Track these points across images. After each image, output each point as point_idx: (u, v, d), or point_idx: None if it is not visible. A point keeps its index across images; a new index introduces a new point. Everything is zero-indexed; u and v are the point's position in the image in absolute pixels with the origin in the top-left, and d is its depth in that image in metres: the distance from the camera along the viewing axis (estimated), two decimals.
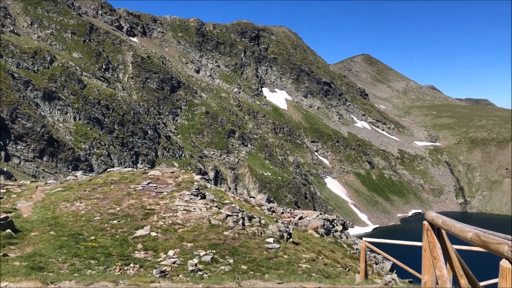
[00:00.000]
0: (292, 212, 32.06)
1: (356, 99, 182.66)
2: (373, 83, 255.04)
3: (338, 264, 19.43)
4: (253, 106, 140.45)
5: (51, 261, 12.50)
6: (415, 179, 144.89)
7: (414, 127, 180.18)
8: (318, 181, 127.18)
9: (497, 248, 2.87)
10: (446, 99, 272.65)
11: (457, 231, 3.71)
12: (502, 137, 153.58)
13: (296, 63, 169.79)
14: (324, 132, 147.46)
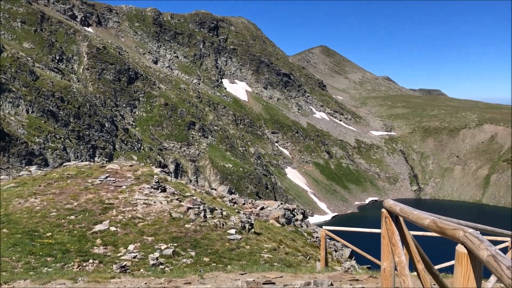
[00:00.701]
0: (253, 203, 32.25)
1: (315, 91, 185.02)
2: (331, 74, 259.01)
3: (299, 253, 19.73)
4: (213, 97, 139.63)
5: (4, 260, 12.01)
6: (372, 167, 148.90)
7: (370, 117, 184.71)
8: (279, 172, 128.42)
9: (453, 233, 2.99)
10: (401, 90, 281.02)
11: (414, 218, 3.83)
12: (453, 126, 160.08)
13: (256, 54, 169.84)
14: (284, 123, 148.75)
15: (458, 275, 2.75)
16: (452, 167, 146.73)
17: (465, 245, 2.75)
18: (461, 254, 2.74)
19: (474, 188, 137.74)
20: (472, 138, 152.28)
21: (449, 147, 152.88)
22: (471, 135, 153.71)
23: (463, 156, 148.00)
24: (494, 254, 2.33)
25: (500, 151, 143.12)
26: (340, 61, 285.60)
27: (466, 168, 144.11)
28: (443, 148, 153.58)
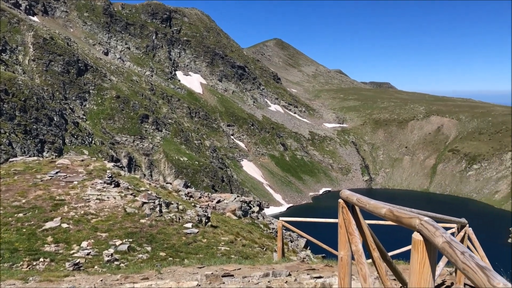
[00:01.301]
0: (209, 196, 32.21)
1: (270, 83, 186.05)
2: (285, 67, 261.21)
3: (256, 244, 19.91)
4: (167, 90, 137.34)
5: None
6: (325, 159, 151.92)
7: (323, 110, 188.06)
8: (235, 164, 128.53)
9: (409, 222, 3.09)
10: (352, 83, 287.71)
11: (371, 208, 3.94)
12: (402, 118, 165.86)
13: (210, 46, 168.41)
14: (239, 116, 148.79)
15: (414, 262, 2.85)
16: (401, 157, 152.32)
17: (421, 233, 2.85)
18: (417, 242, 2.84)
19: (422, 177, 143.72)
20: (420, 129, 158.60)
21: (399, 138, 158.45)
22: (419, 126, 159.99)
23: (411, 146, 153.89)
24: (449, 240, 2.44)
25: (446, 142, 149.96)
26: (294, 54, 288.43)
27: (414, 158, 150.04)
28: (393, 139, 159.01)
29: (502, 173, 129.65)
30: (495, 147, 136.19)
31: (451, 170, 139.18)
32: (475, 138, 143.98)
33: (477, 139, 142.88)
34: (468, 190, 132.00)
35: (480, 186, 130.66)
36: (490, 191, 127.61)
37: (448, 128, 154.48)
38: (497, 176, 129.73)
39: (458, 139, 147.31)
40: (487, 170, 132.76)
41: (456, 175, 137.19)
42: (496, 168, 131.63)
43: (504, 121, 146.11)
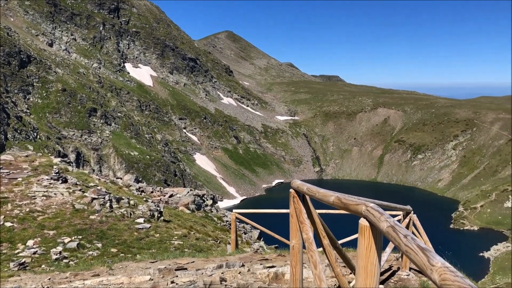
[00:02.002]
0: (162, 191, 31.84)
1: (222, 76, 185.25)
2: (237, 60, 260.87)
3: (210, 237, 19.95)
4: (115, 82, 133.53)
5: None
6: (278, 151, 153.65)
7: (275, 103, 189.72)
8: (187, 158, 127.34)
9: (356, 208, 3.21)
10: (303, 76, 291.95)
11: (320, 196, 4.05)
12: (350, 110, 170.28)
13: (160, 38, 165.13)
14: (191, 109, 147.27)
15: (361, 247, 2.97)
16: (350, 148, 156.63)
17: (367, 219, 2.97)
18: (364, 227, 2.96)
19: (370, 167, 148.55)
20: (368, 121, 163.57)
21: (348, 130, 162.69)
22: (367, 118, 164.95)
23: (360, 138, 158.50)
24: (393, 225, 2.56)
25: (392, 133, 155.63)
26: (245, 47, 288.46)
27: (363, 149, 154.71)
28: (342, 131, 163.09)
29: (444, 162, 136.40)
30: (438, 137, 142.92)
31: (397, 160, 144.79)
32: (419, 129, 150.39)
33: (421, 130, 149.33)
34: (413, 179, 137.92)
35: (424, 175, 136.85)
36: (433, 179, 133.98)
37: (394, 119, 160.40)
38: (440, 165, 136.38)
39: (403, 130, 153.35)
40: (430, 159, 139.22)
41: (402, 164, 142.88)
42: (439, 158, 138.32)
43: (446, 112, 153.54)
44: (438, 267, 1.96)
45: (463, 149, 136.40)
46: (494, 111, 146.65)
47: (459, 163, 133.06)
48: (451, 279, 1.82)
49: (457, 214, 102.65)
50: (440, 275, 1.90)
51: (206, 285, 5.70)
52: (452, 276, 1.84)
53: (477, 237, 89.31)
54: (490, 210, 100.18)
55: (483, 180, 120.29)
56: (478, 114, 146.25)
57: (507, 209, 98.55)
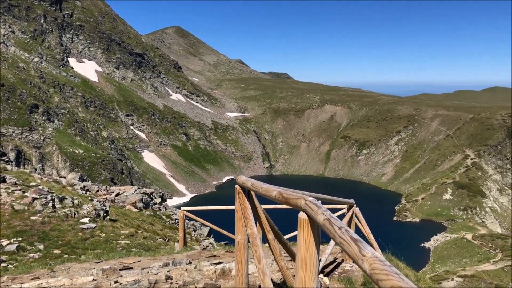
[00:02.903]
0: (108, 189, 31.05)
1: (170, 72, 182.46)
2: (186, 55, 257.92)
3: (158, 236, 19.72)
4: (58, 77, 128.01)
5: None
6: (228, 147, 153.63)
7: (225, 99, 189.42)
8: (135, 156, 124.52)
9: (296, 202, 3.30)
10: (253, 73, 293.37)
11: (263, 191, 4.12)
12: (299, 107, 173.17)
13: (106, 32, 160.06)
14: (139, 105, 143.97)
15: (300, 240, 3.06)
16: (299, 144, 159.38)
17: (306, 212, 3.06)
18: (303, 220, 3.05)
19: (318, 163, 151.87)
20: (315, 117, 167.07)
21: (296, 126, 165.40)
22: (314, 115, 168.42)
23: (308, 134, 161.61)
24: (328, 217, 2.66)
25: (339, 129, 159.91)
26: (194, 42, 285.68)
27: (311, 145, 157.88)
28: (291, 127, 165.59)
29: (388, 157, 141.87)
30: (382, 133, 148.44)
31: (343, 155, 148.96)
32: (364, 125, 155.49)
33: (366, 126, 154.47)
34: (358, 173, 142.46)
35: (369, 170, 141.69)
36: (377, 174, 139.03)
37: (340, 116, 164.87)
38: (383, 160, 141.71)
39: (349, 127, 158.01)
40: (375, 154, 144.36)
41: (348, 160, 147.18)
42: (383, 153, 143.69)
43: (389, 109, 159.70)
44: (369, 257, 2.09)
45: (405, 144, 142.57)
46: (434, 108, 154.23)
47: (401, 158, 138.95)
48: (380, 268, 1.95)
49: (400, 207, 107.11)
50: (370, 265, 2.03)
51: (151, 284, 5.63)
52: (381, 265, 1.97)
53: (419, 228, 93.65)
54: (430, 202, 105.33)
55: (423, 173, 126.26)
56: (419, 111, 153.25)
57: (446, 201, 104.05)
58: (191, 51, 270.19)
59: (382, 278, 1.89)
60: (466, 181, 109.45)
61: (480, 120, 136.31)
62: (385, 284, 1.85)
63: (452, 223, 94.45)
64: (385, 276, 1.88)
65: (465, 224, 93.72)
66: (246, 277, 5.10)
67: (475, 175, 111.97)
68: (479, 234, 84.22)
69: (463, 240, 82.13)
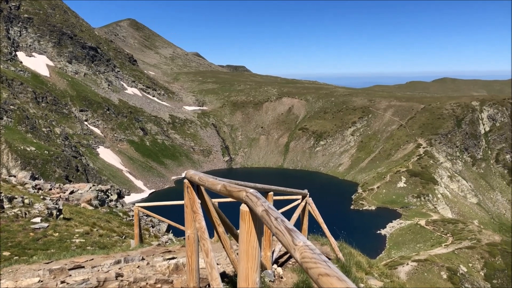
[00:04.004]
0: (61, 187, 30.29)
1: (125, 65, 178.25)
2: (141, 49, 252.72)
3: (115, 233, 19.44)
4: (6, 72, 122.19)
5: None
6: (186, 142, 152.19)
7: (183, 93, 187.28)
8: (90, 152, 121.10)
9: (238, 195, 3.35)
10: (210, 66, 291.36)
11: (209, 185, 4.15)
12: (257, 100, 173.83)
13: (56, 25, 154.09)
14: (93, 100, 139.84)
15: (242, 231, 3.11)
16: (258, 137, 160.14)
17: (247, 204, 3.12)
18: (244, 212, 3.11)
19: (277, 155, 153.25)
20: (274, 110, 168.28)
21: (255, 119, 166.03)
22: (273, 107, 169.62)
23: (266, 126, 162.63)
24: (267, 208, 2.72)
25: (296, 121, 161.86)
26: (150, 35, 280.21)
27: (270, 138, 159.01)
28: (250, 120, 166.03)
29: (344, 147, 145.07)
30: (338, 124, 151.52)
31: (302, 147, 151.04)
32: (321, 117, 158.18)
33: (323, 118, 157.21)
34: (316, 164, 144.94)
35: (326, 160, 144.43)
36: (334, 164, 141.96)
37: (298, 108, 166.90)
38: (340, 151, 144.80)
39: (306, 119, 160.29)
40: (331, 145, 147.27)
41: (306, 151, 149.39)
42: (339, 144, 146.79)
43: (345, 101, 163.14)
44: (300, 246, 2.17)
45: (360, 135, 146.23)
46: (387, 99, 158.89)
47: (357, 148, 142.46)
48: (310, 256, 2.03)
49: (356, 196, 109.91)
50: (301, 253, 2.11)
51: (100, 282, 5.54)
52: (311, 253, 2.05)
53: (375, 216, 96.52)
54: (385, 190, 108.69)
55: (378, 163, 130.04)
56: (373, 102, 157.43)
57: (400, 189, 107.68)
58: (147, 44, 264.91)
59: (311, 266, 1.97)
60: (418, 169, 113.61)
61: (431, 110, 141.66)
62: (313, 272, 1.93)
63: (407, 210, 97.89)
64: (314, 264, 1.95)
65: (418, 210, 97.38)
66: (197, 271, 5.13)
67: (427, 163, 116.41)
68: (431, 220, 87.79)
69: (417, 226, 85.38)
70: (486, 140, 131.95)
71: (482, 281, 58.44)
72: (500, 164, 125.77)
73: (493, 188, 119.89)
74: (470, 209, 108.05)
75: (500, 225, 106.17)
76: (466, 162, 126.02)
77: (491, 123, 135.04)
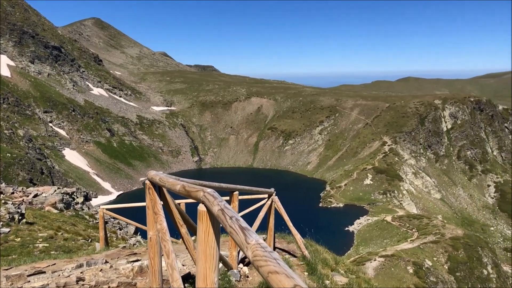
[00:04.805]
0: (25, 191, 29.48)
1: (90, 65, 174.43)
2: (107, 48, 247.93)
3: (80, 237, 19.08)
4: None
5: None
6: (155, 142, 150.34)
7: (150, 93, 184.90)
8: (56, 154, 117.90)
9: (196, 195, 3.36)
10: (178, 66, 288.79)
11: (169, 185, 4.14)
12: (226, 100, 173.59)
13: (17, 23, 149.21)
14: (58, 101, 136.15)
15: (200, 231, 3.13)
16: (227, 137, 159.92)
17: (204, 204, 3.14)
18: (202, 212, 3.12)
19: (246, 154, 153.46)
20: (243, 110, 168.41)
21: (224, 119, 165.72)
22: (242, 107, 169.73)
23: (236, 126, 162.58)
24: (222, 208, 2.75)
25: (265, 121, 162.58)
26: (115, 35, 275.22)
27: (239, 137, 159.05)
28: (219, 120, 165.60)
29: (312, 146, 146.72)
30: (306, 123, 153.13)
31: (271, 146, 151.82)
32: (289, 116, 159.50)
33: (291, 117, 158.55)
34: (285, 163, 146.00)
35: (295, 159, 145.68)
36: (303, 163, 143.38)
37: (267, 108, 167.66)
38: (308, 149, 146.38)
39: (275, 118, 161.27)
40: (300, 144, 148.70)
41: (275, 150, 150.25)
42: (307, 142, 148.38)
43: (312, 100, 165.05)
44: (252, 244, 2.18)
45: (328, 134, 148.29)
46: (353, 98, 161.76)
47: (325, 147, 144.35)
48: (261, 254, 2.05)
49: (325, 193, 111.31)
50: (253, 252, 2.12)
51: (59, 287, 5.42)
52: (262, 251, 2.07)
53: (343, 213, 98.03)
54: (352, 187, 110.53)
55: (345, 161, 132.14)
56: (340, 101, 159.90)
57: (367, 186, 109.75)
58: (112, 43, 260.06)
59: (262, 264, 1.97)
60: (384, 166, 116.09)
61: (396, 109, 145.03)
62: (264, 270, 1.93)
63: (373, 207, 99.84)
64: (264, 262, 1.96)
65: (385, 207, 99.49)
66: (160, 273, 5.10)
67: (392, 160, 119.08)
68: (397, 216, 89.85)
69: (384, 222, 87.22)
70: (448, 137, 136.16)
71: (446, 274, 60.27)
72: (461, 160, 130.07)
73: (455, 184, 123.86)
74: (434, 205, 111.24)
75: (463, 219, 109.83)
76: (430, 159, 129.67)
77: (452, 120, 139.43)
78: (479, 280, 63.39)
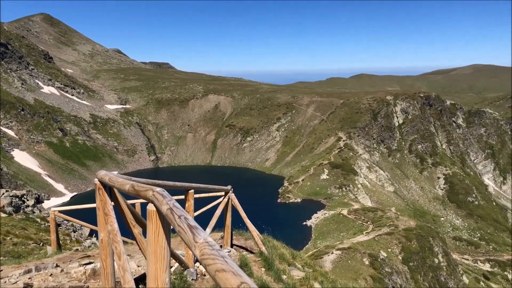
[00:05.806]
0: None
1: (40, 63, 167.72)
2: (57, 45, 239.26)
3: (31, 241, 18.40)
4: None
5: None
6: (109, 142, 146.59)
7: (104, 91, 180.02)
8: (4, 156, 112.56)
9: (145, 194, 3.31)
10: (132, 63, 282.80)
11: (119, 185, 4.05)
12: (183, 97, 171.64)
13: None
14: (5, 100, 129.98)
15: (149, 232, 3.08)
16: (185, 135, 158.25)
17: (154, 203, 3.09)
18: (151, 212, 3.07)
19: (205, 152, 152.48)
20: (200, 107, 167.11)
21: (181, 117, 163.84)
22: (199, 105, 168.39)
23: (193, 124, 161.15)
24: (171, 207, 2.72)
25: (223, 118, 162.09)
26: (66, 31, 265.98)
27: (197, 135, 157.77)
28: (176, 118, 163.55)
29: (270, 143, 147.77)
30: (264, 120, 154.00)
31: (229, 143, 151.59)
32: (247, 113, 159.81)
33: (249, 114, 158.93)
34: (244, 160, 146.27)
35: (253, 156, 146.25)
36: (261, 159, 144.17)
37: (224, 105, 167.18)
38: (266, 146, 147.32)
39: (233, 115, 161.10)
40: (258, 141, 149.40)
41: (234, 147, 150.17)
42: (265, 139, 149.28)
43: (270, 97, 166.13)
44: (200, 243, 2.16)
45: (285, 130, 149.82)
46: (309, 95, 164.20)
47: (282, 143, 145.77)
48: (208, 253, 2.03)
49: (283, 189, 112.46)
50: (201, 250, 2.10)
51: None
52: (210, 250, 2.06)
53: (301, 208, 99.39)
54: (309, 183, 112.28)
55: (302, 157, 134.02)
56: (296, 98, 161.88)
57: (323, 181, 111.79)
58: (63, 40, 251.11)
59: (209, 263, 1.96)
60: (340, 161, 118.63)
61: (350, 105, 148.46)
62: (211, 268, 1.92)
63: (330, 201, 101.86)
64: (212, 261, 1.95)
65: (341, 200, 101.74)
66: (113, 275, 4.99)
67: (347, 155, 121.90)
68: (353, 209, 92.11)
69: (340, 215, 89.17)
70: (400, 132, 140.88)
71: (400, 264, 62.41)
72: (413, 154, 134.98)
73: (407, 177, 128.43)
74: (388, 197, 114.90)
75: (415, 211, 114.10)
76: (383, 153, 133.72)
77: (404, 116, 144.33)
78: (431, 268, 66.07)
